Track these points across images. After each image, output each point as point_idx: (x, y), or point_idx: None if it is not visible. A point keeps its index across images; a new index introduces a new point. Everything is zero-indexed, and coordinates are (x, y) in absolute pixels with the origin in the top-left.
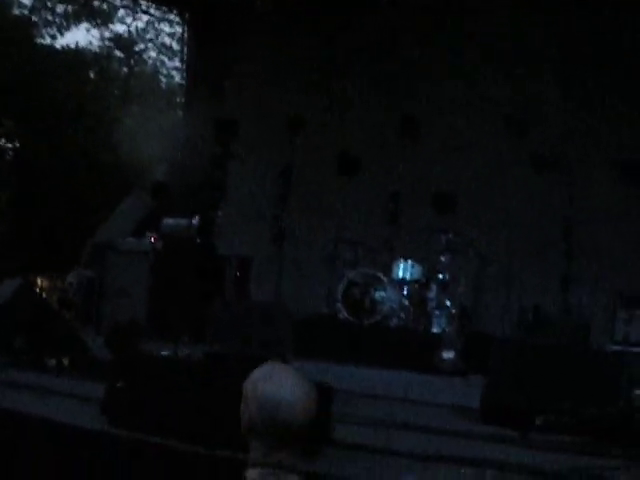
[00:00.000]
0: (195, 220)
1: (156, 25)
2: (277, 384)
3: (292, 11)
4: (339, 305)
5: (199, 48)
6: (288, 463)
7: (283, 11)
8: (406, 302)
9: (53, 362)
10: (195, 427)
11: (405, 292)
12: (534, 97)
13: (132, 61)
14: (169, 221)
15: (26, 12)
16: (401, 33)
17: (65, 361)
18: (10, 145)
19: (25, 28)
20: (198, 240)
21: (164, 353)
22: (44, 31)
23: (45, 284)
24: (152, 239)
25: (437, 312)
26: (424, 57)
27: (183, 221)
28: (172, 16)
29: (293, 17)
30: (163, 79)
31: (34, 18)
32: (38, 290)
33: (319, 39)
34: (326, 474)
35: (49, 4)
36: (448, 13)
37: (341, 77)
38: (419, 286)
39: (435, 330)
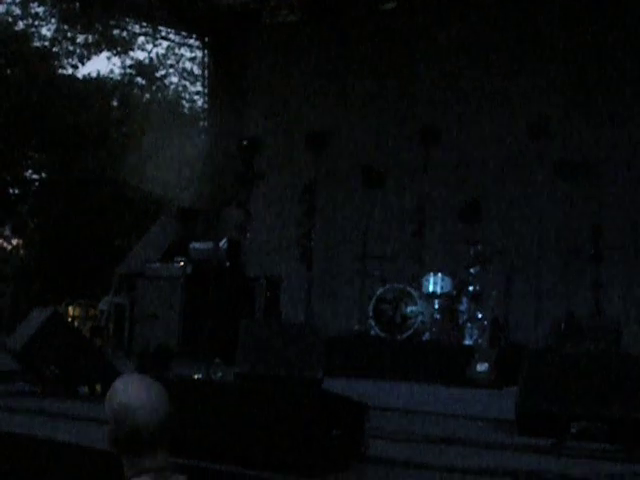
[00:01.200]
0: (223, 243)
1: (176, 50)
2: (125, 393)
3: (310, 28)
4: (370, 321)
5: (219, 71)
6: (156, 468)
7: (301, 28)
8: (437, 315)
9: (86, 389)
10: (230, 448)
11: (436, 305)
12: (556, 103)
13: (154, 87)
14: (197, 245)
15: (47, 44)
16: (422, 45)
17: (98, 388)
18: (37, 176)
19: (47, 59)
20: (227, 263)
21: (197, 376)
22: (65, 61)
23: (77, 312)
24: (181, 263)
25: (469, 324)
26: (445, 68)
27: (211, 244)
28: (192, 41)
29: (311, 34)
30: (186, 104)
31: (55, 49)
32: (70, 319)
33: (339, 54)
34: None
35: (69, 34)
36: (468, 24)
37: (362, 90)
38: (450, 299)
39: (468, 342)
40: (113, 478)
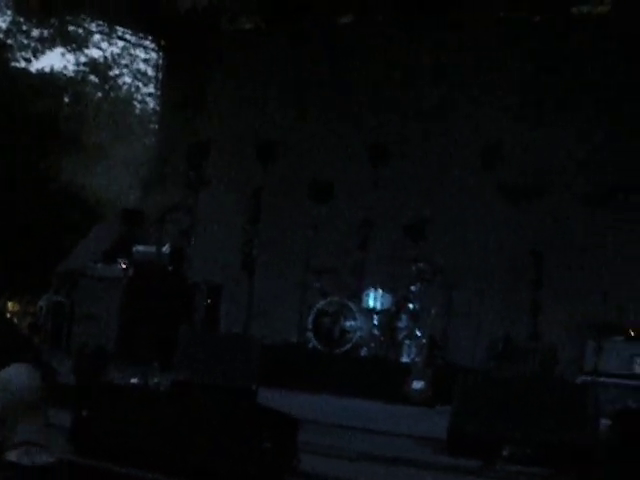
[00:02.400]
0: (166, 247)
1: (131, 51)
2: (3, 376)
3: (267, 37)
4: (309, 334)
5: (173, 74)
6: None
7: (259, 37)
8: (376, 331)
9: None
10: (162, 456)
11: (375, 321)
12: (508, 129)
13: (107, 86)
14: (140, 248)
15: (1, 35)
16: (376, 62)
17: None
18: None
19: (0, 51)
20: (169, 268)
21: (133, 380)
22: (19, 54)
23: (16, 308)
24: (123, 266)
25: (407, 342)
26: (395, 86)
27: (154, 248)
28: (147, 42)
29: (268, 43)
30: (137, 105)
31: (9, 41)
32: (9, 314)
33: (295, 65)
34: None
35: (24, 27)
36: (424, 43)
37: (314, 103)
38: (389, 315)
39: (405, 360)
40: None
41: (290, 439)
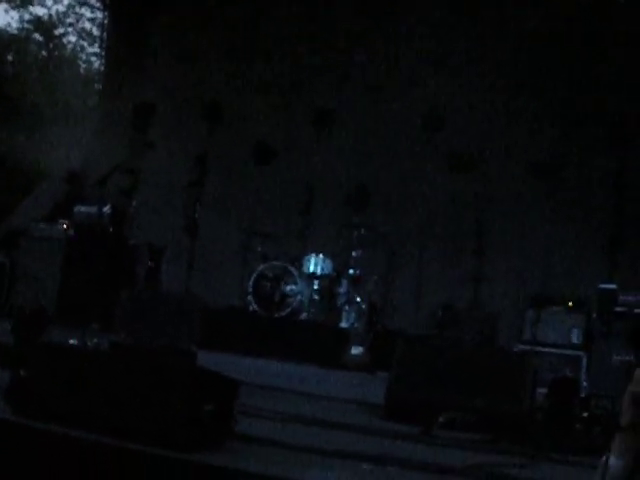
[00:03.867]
0: (107, 208)
1: (77, 9)
2: None
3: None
4: (249, 297)
5: (119, 34)
6: None
7: None
8: (316, 296)
9: None
10: (101, 418)
11: (315, 286)
12: (451, 95)
13: (51, 45)
14: (82, 208)
15: None
16: (323, 27)
17: None
18: None
19: None
20: (110, 228)
21: (72, 341)
22: None
23: None
24: (64, 226)
25: (347, 307)
26: (342, 47)
27: (96, 209)
28: (93, 1)
29: (216, 3)
30: (82, 64)
31: None
32: None
33: (244, 27)
34: (227, 467)
35: None
36: (369, 10)
37: (260, 64)
38: (329, 280)
39: (344, 325)
40: None
41: (230, 401)
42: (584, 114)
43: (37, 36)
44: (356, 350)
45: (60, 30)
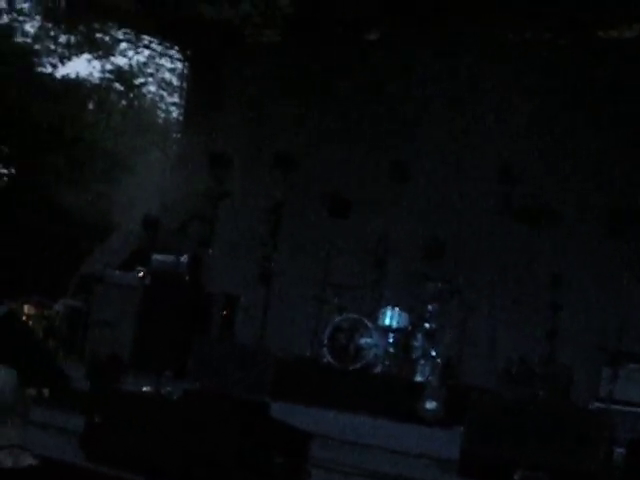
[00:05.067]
0: (184, 257)
1: (157, 60)
2: None
3: (291, 50)
4: (324, 349)
5: (197, 84)
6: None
7: (282, 49)
8: (391, 349)
9: (33, 392)
10: (172, 466)
11: (390, 339)
12: (526, 149)
13: (131, 94)
14: (159, 257)
15: (29, 40)
16: (399, 79)
17: (45, 392)
18: (6, 171)
19: (27, 56)
20: (187, 277)
21: (145, 389)
22: (46, 60)
23: (32, 311)
24: (141, 273)
25: (422, 361)
26: (417, 102)
27: (172, 257)
28: (173, 52)
29: (291, 56)
30: (161, 114)
31: (37, 46)
32: (25, 317)
33: (318, 79)
34: None
35: (52, 33)
36: (446, 63)
37: (335, 117)
38: (405, 334)
39: (419, 379)
40: None
41: (301, 454)
42: None
43: (118, 85)
44: (430, 404)
45: (140, 80)
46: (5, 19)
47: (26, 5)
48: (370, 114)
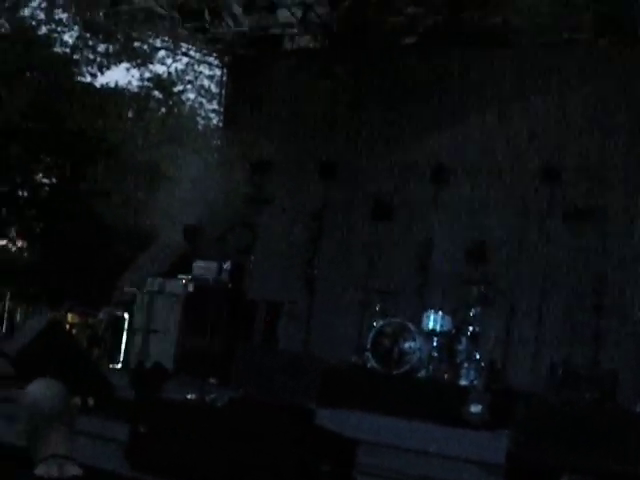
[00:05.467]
0: (227, 264)
1: (195, 67)
2: (31, 391)
3: (330, 56)
4: (368, 354)
5: (237, 91)
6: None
7: (321, 55)
8: (435, 353)
9: (78, 401)
10: (217, 474)
11: (434, 343)
12: (569, 148)
13: (170, 102)
14: (201, 264)
15: (68, 50)
16: (438, 82)
17: (90, 401)
18: (47, 180)
19: (67, 66)
20: (229, 284)
21: (190, 396)
22: (85, 69)
23: (76, 320)
24: (183, 281)
25: (466, 365)
26: (457, 103)
27: (215, 265)
28: (211, 59)
29: (330, 62)
30: (201, 121)
31: (76, 56)
32: (69, 326)
33: (358, 84)
34: None
35: (91, 43)
36: (486, 65)
37: (377, 123)
38: (449, 338)
39: (463, 383)
40: None
41: (348, 461)
42: None
43: (157, 93)
44: (475, 408)
45: (179, 87)
46: (44, 30)
47: (65, 15)
48: (410, 117)
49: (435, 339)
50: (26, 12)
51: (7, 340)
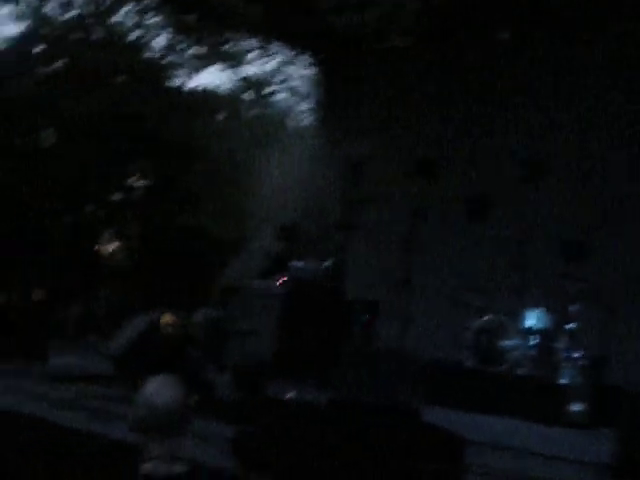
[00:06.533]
0: (325, 264)
1: (286, 67)
2: (150, 390)
3: (423, 53)
4: (466, 353)
5: (329, 90)
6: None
7: (414, 53)
8: (534, 352)
9: (195, 399)
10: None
11: (533, 341)
12: None
13: (262, 103)
14: (298, 264)
15: (158, 54)
16: (533, 77)
17: (192, 401)
18: (141, 183)
19: (158, 69)
20: (327, 284)
21: (290, 396)
22: (176, 73)
23: (173, 321)
24: (280, 281)
25: (566, 363)
26: (551, 97)
27: (312, 264)
28: (303, 59)
29: (423, 59)
30: (292, 121)
31: (166, 60)
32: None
33: (451, 81)
34: None
35: (181, 46)
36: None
37: (470, 120)
38: (548, 335)
39: (564, 381)
40: None
41: (457, 460)
42: None
43: (248, 95)
44: (577, 406)
45: (270, 88)
46: (135, 34)
47: (155, 20)
48: (504, 113)
49: (534, 337)
50: (117, 18)
51: (108, 341)
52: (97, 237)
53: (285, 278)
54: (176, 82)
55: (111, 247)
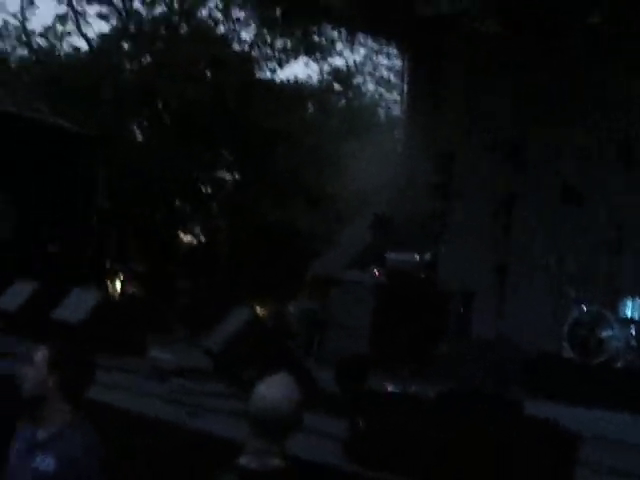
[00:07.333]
0: (420, 255)
1: (374, 58)
2: (267, 387)
3: (511, 39)
4: (564, 344)
5: (417, 80)
6: (273, 449)
7: (501, 40)
8: (634, 342)
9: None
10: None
11: (633, 331)
12: None
13: (350, 94)
14: (393, 255)
15: (246, 48)
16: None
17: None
18: (229, 176)
19: (245, 63)
20: (423, 275)
21: (391, 389)
22: (264, 65)
23: (268, 314)
24: (376, 272)
25: None
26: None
27: (407, 255)
28: (390, 49)
29: (511, 46)
30: (382, 112)
31: (254, 53)
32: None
33: (540, 68)
34: None
35: (268, 39)
36: None
37: (562, 106)
38: None
39: None
40: None
41: (569, 456)
42: None
43: (336, 86)
44: None
45: (359, 79)
46: (223, 29)
47: (242, 14)
48: (595, 96)
49: (633, 327)
50: (203, 13)
51: (206, 335)
52: (192, 231)
53: (381, 270)
54: (265, 74)
55: (204, 240)
